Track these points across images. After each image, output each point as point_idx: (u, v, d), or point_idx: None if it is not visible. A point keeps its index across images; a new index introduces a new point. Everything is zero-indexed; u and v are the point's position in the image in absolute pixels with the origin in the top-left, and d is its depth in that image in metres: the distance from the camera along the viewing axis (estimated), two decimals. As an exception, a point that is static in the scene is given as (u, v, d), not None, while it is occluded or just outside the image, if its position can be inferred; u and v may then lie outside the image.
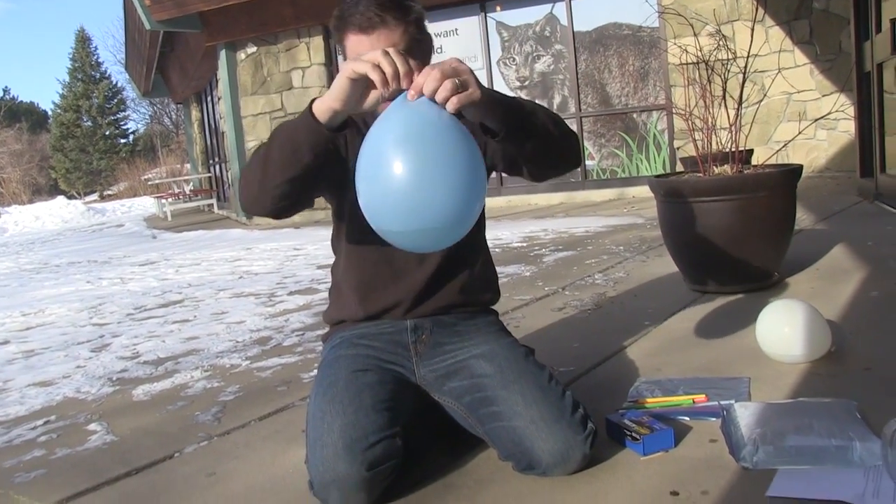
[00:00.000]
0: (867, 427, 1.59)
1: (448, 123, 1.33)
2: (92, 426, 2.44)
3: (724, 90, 3.37)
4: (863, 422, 1.62)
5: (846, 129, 7.39)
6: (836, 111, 4.68)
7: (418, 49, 1.67)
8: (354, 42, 1.65)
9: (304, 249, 6.89)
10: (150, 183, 23.43)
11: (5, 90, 54.78)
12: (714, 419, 1.86)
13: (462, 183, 1.31)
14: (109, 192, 36.07)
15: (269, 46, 10.19)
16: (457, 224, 1.33)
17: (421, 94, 1.35)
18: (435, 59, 1.62)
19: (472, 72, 1.40)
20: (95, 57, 41.79)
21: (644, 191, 8.39)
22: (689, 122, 3.45)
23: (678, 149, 8.42)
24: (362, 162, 1.36)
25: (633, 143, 8.90)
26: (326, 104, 1.47)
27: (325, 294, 4.31)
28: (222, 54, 10.40)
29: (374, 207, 1.35)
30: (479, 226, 1.96)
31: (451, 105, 1.34)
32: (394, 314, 1.86)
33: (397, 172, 1.28)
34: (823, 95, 7.87)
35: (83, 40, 41.53)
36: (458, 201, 1.31)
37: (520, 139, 1.55)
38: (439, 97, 1.34)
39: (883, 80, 5.26)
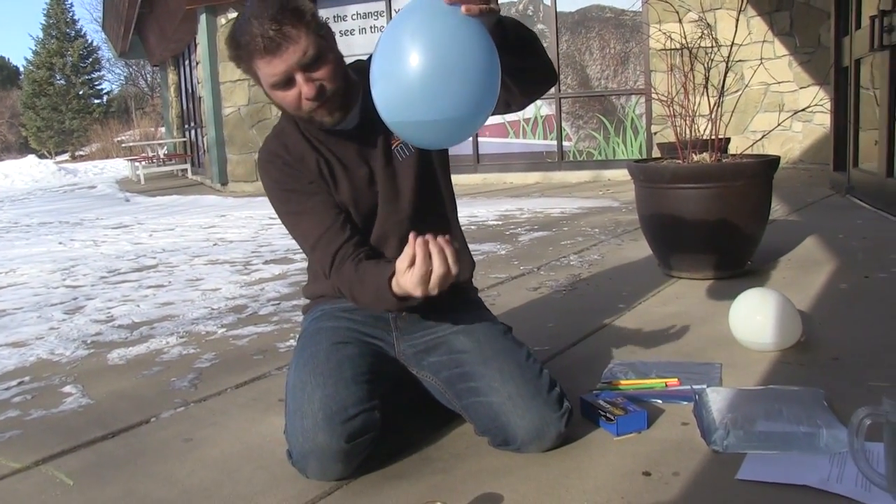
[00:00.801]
0: (833, 415, 1.64)
1: (469, 20, 1.31)
2: (67, 388, 2.44)
3: (707, 79, 3.40)
4: (829, 410, 1.67)
5: (821, 122, 7.48)
6: (815, 105, 4.72)
7: (326, 46, 1.63)
8: (265, 65, 1.60)
9: (280, 219, 6.86)
10: (123, 145, 23.13)
11: (-25, 44, 53.74)
12: (686, 403, 1.90)
13: (481, 72, 1.30)
14: (81, 153, 35.57)
15: (250, 12, 10.05)
16: (475, 114, 1.33)
17: None
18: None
19: None
20: (71, 14, 41.00)
21: (619, 174, 8.45)
22: (671, 109, 3.48)
23: (655, 134, 8.48)
24: (381, 55, 1.34)
25: (611, 127, 8.94)
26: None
27: (301, 264, 4.32)
28: (202, 18, 10.28)
29: (390, 97, 1.33)
30: (451, 201, 1.97)
31: (473, 12, 1.30)
32: None
33: (417, 61, 1.27)
34: (801, 88, 7.96)
35: (58, -4, 40.75)
36: (479, 90, 1.30)
37: (515, 48, 1.52)
38: (464, 5, 1.29)
39: (860, 76, 5.33)
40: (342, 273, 1.71)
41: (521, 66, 1.57)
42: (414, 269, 1.45)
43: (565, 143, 9.14)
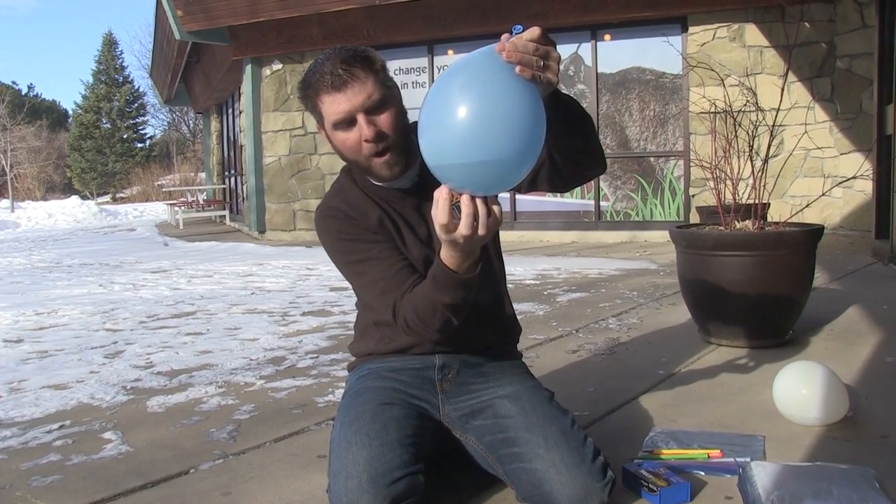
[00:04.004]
0: (887, 497, 1.60)
1: (520, 79, 1.35)
2: (107, 435, 2.46)
3: (752, 146, 3.41)
4: (882, 492, 1.63)
5: (862, 188, 7.41)
6: (861, 175, 4.68)
7: (391, 96, 1.71)
8: (329, 102, 1.67)
9: (317, 270, 6.92)
10: (163, 189, 23.55)
11: (30, 87, 55.44)
12: (729, 475, 1.88)
13: (525, 120, 1.34)
14: (122, 195, 36.25)
15: (294, 65, 10.29)
16: (517, 161, 1.36)
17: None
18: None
19: (559, 60, 1.40)
20: (120, 61, 42.20)
21: (656, 235, 8.43)
22: (714, 173, 3.48)
23: (693, 196, 8.46)
24: (431, 105, 1.38)
25: (649, 188, 8.95)
26: (463, 261, 1.52)
27: (339, 318, 4.35)
28: (248, 69, 10.51)
29: (437, 143, 1.37)
30: (500, 267, 1.98)
31: (525, 74, 1.33)
32: (423, 350, 1.88)
33: (465, 107, 1.32)
34: (842, 154, 7.91)
35: (110, 43, 41.94)
36: (521, 137, 1.34)
37: (568, 122, 1.56)
38: (519, 66, 1.33)
39: (904, 145, 5.30)
40: (404, 302, 1.68)
41: (570, 144, 1.61)
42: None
43: (603, 203, 9.15)
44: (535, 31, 1.35)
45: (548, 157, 1.69)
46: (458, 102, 1.33)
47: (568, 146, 1.63)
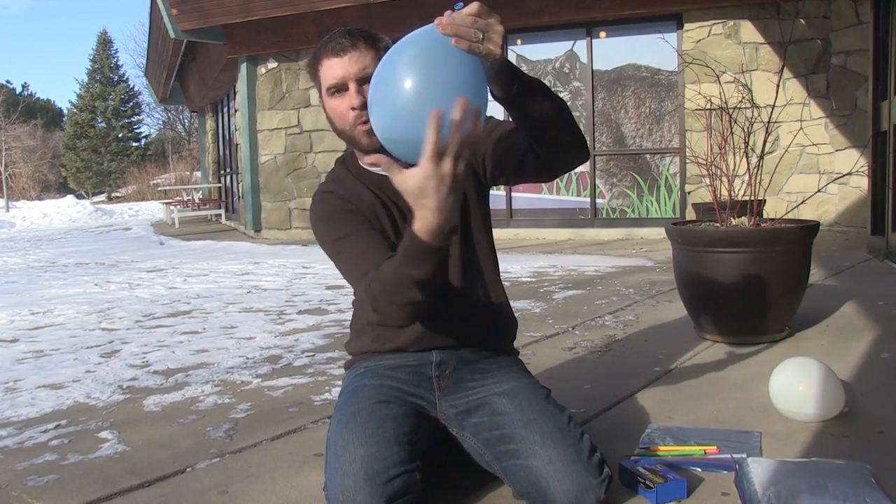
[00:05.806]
0: (883, 493, 1.60)
1: (454, 49, 1.40)
2: (103, 434, 2.45)
3: (747, 143, 3.41)
4: (878, 487, 1.63)
5: (857, 184, 7.43)
6: (857, 172, 4.69)
7: None
8: (327, 66, 1.73)
9: (313, 268, 6.91)
10: (158, 188, 23.54)
11: (24, 86, 55.32)
12: (726, 472, 1.88)
13: (463, 89, 1.38)
14: (117, 195, 36.22)
15: (289, 63, 10.28)
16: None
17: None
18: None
19: (504, 35, 1.44)
20: (115, 60, 42.17)
21: (653, 232, 8.43)
22: (710, 170, 3.48)
23: (689, 193, 8.47)
24: (378, 82, 1.44)
25: (645, 185, 8.95)
26: (443, 225, 1.44)
27: (335, 316, 4.34)
28: (243, 67, 10.50)
29: (385, 118, 1.43)
30: (494, 263, 1.99)
31: (462, 45, 1.38)
32: (419, 346, 1.88)
33: (409, 82, 1.38)
34: (837, 150, 7.93)
35: (105, 42, 41.92)
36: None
37: (530, 101, 1.58)
38: (455, 37, 1.38)
39: (899, 141, 5.30)
40: (375, 275, 1.62)
41: (539, 125, 1.62)
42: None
43: (599, 201, 9.16)
44: (473, 6, 1.42)
45: (529, 145, 1.70)
46: (400, 80, 1.39)
47: (537, 128, 1.64)
